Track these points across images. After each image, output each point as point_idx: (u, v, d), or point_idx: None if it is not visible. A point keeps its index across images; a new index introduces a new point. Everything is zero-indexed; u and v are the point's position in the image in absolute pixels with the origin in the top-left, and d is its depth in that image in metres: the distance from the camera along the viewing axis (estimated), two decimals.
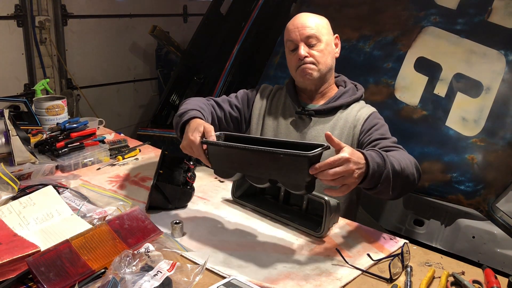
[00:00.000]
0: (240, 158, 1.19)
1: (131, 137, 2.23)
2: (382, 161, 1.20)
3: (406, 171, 1.29)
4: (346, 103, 1.58)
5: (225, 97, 1.71)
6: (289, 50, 1.57)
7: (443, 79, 2.01)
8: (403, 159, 1.30)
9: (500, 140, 1.83)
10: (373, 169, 1.16)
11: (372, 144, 1.46)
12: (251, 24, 3.08)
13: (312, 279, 1.09)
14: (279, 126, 1.63)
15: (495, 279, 1.06)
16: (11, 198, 1.35)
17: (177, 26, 4.25)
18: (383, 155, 1.22)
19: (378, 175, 1.19)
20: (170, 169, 1.46)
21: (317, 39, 1.53)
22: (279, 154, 1.08)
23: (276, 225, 1.36)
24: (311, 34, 1.52)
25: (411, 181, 1.33)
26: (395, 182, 1.24)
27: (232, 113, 1.67)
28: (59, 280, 0.98)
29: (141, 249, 1.10)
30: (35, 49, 3.24)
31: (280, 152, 1.08)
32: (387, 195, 1.26)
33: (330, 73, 1.61)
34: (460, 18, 2.07)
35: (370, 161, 1.16)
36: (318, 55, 1.53)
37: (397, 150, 1.40)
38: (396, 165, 1.24)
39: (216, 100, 1.66)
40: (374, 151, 1.22)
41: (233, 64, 3.04)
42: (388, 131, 1.52)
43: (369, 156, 1.17)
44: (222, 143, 1.25)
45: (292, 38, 1.54)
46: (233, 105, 1.68)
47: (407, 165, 1.31)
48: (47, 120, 2.11)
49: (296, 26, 1.54)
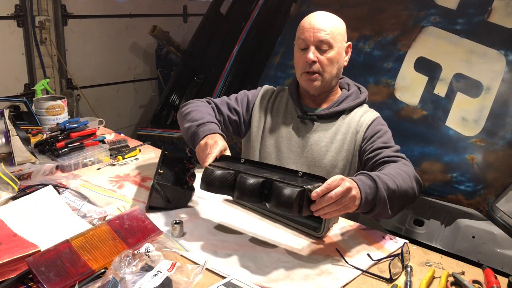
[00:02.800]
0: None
1: (131, 137, 2.23)
2: (373, 183, 1.20)
3: (403, 187, 1.27)
4: (349, 107, 1.55)
5: (225, 99, 1.67)
6: (299, 48, 1.52)
7: (443, 79, 2.01)
8: (399, 175, 1.28)
9: (500, 140, 1.83)
10: (365, 192, 1.17)
11: (374, 154, 1.45)
12: (251, 24, 3.08)
13: (312, 279, 1.09)
14: (280, 130, 1.60)
15: (495, 279, 1.06)
16: (11, 198, 1.35)
17: (177, 26, 4.26)
18: (373, 176, 1.21)
19: (372, 198, 1.18)
20: (170, 169, 1.46)
21: (329, 46, 1.47)
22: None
23: (276, 225, 1.36)
24: (325, 39, 1.46)
25: (410, 196, 1.31)
26: (392, 201, 1.23)
27: (231, 117, 1.64)
28: (59, 280, 0.98)
29: (141, 249, 1.10)
30: (35, 49, 3.25)
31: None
32: (387, 215, 1.25)
33: (335, 81, 1.57)
34: (460, 18, 2.07)
35: (360, 185, 1.16)
36: (326, 63, 1.48)
37: (398, 161, 1.39)
38: (391, 184, 1.23)
39: (216, 103, 1.63)
40: (363, 175, 1.22)
41: (233, 64, 3.04)
42: (391, 138, 1.51)
43: (358, 181, 1.17)
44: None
45: (305, 37, 1.48)
46: (232, 108, 1.64)
47: (405, 180, 1.29)
48: (47, 120, 2.11)
49: (312, 26, 1.47)
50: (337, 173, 1.50)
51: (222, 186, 1.19)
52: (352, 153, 1.52)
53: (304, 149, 1.55)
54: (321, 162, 1.53)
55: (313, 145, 1.54)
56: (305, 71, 1.50)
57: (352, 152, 1.52)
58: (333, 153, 1.53)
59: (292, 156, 1.56)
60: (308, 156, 1.54)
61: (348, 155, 1.52)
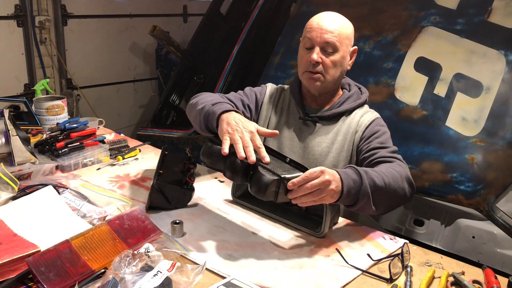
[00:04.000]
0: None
1: (131, 137, 2.23)
2: (358, 177, 1.20)
3: (392, 186, 1.27)
4: (350, 108, 1.55)
5: (237, 95, 1.64)
6: (304, 46, 1.51)
7: (443, 79, 2.01)
8: (390, 174, 1.29)
9: (500, 140, 1.83)
10: (348, 186, 1.18)
11: (370, 153, 1.45)
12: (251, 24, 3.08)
13: (312, 279, 1.09)
14: (283, 131, 1.60)
15: (495, 279, 1.06)
16: (11, 198, 1.35)
17: (177, 26, 4.26)
18: (360, 171, 1.22)
19: (355, 192, 1.19)
20: (170, 169, 1.46)
21: (334, 48, 1.46)
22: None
23: (276, 225, 1.36)
24: (331, 41, 1.45)
25: (399, 196, 1.31)
26: (377, 197, 1.23)
27: (245, 114, 1.60)
28: (59, 280, 0.98)
29: (141, 249, 1.10)
30: (35, 49, 3.24)
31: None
32: (370, 210, 1.26)
33: (336, 84, 1.57)
34: (460, 18, 2.07)
35: (344, 178, 1.17)
36: (330, 65, 1.47)
37: (392, 162, 1.39)
38: (378, 180, 1.23)
39: (229, 98, 1.59)
40: (350, 168, 1.23)
41: (233, 64, 3.03)
42: (389, 139, 1.50)
43: (343, 174, 1.18)
44: None
45: (311, 36, 1.47)
46: (246, 105, 1.62)
47: (395, 179, 1.29)
48: (47, 120, 2.11)
49: (320, 27, 1.45)
50: None
51: (217, 160, 1.24)
52: (351, 153, 1.53)
53: (306, 151, 1.56)
54: (323, 163, 1.53)
55: (315, 146, 1.54)
56: (308, 70, 1.50)
57: (351, 152, 1.53)
58: (334, 154, 1.53)
59: (294, 157, 1.56)
60: (310, 158, 1.55)
61: (349, 156, 1.53)
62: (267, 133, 1.28)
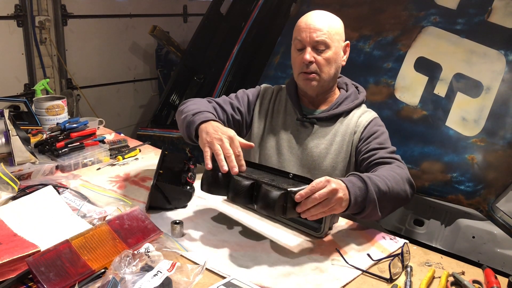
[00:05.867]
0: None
1: (131, 137, 2.23)
2: (363, 184, 1.19)
3: (395, 190, 1.27)
4: (347, 109, 1.55)
5: (226, 99, 1.64)
6: (296, 48, 1.51)
7: (443, 79, 2.01)
8: (391, 177, 1.28)
9: (500, 140, 1.83)
10: (355, 194, 1.17)
11: (369, 154, 1.44)
12: (251, 24, 3.08)
13: (312, 279, 1.09)
14: (280, 132, 1.59)
15: (495, 279, 1.06)
16: (11, 198, 1.35)
17: (177, 26, 4.26)
18: (364, 178, 1.21)
19: (361, 200, 1.18)
20: (170, 169, 1.46)
21: (326, 46, 1.46)
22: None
23: (276, 225, 1.36)
24: (321, 40, 1.44)
25: (402, 198, 1.31)
26: (382, 203, 1.23)
27: (235, 116, 1.60)
28: (59, 280, 0.98)
29: (141, 249, 1.10)
30: (35, 49, 3.25)
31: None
32: (376, 216, 1.25)
33: (333, 81, 1.56)
34: (460, 18, 2.07)
35: (350, 187, 1.16)
36: (323, 63, 1.47)
37: (392, 163, 1.38)
38: (382, 186, 1.23)
39: (218, 102, 1.59)
40: (354, 176, 1.22)
41: (233, 64, 3.04)
42: (388, 140, 1.50)
43: (349, 183, 1.17)
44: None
45: (301, 37, 1.47)
46: (235, 107, 1.61)
47: (397, 182, 1.29)
48: (47, 120, 2.11)
49: (309, 27, 1.46)
50: (338, 175, 1.50)
51: (219, 187, 1.25)
52: (350, 154, 1.52)
53: (304, 152, 1.55)
54: (322, 165, 1.53)
55: (313, 148, 1.54)
56: (303, 71, 1.50)
57: (350, 153, 1.52)
58: (333, 155, 1.52)
59: (293, 158, 1.56)
60: (308, 159, 1.54)
61: (347, 157, 1.52)
62: (243, 145, 1.27)
